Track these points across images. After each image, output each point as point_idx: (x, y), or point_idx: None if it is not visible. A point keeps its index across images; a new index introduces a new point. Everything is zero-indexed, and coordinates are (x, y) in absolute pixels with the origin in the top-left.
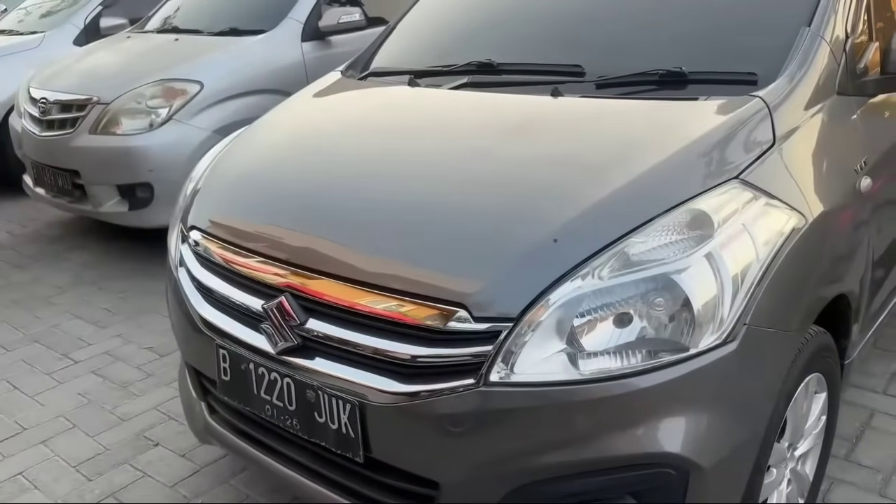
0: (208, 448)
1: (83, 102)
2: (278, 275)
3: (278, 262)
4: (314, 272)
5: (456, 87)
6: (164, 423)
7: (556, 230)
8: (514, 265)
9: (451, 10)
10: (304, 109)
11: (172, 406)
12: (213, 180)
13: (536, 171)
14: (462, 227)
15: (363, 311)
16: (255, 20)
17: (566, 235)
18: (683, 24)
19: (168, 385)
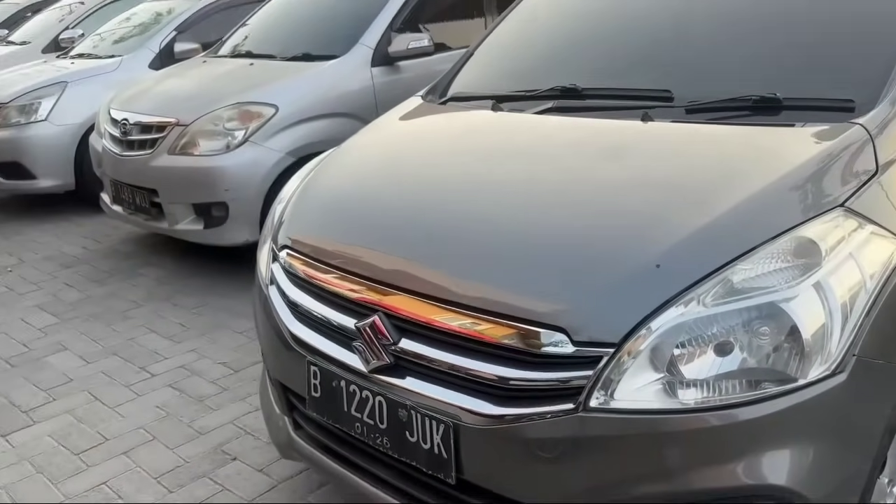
0: (285, 463)
1: (163, 124)
2: (371, 294)
3: (371, 282)
4: (407, 292)
5: (541, 111)
6: (241, 437)
7: (659, 255)
8: (616, 290)
9: (531, 35)
10: (390, 133)
11: (248, 421)
12: (304, 201)
13: (633, 196)
14: (559, 249)
15: (457, 332)
16: (327, 46)
17: (669, 261)
18: (775, 48)
19: (243, 400)
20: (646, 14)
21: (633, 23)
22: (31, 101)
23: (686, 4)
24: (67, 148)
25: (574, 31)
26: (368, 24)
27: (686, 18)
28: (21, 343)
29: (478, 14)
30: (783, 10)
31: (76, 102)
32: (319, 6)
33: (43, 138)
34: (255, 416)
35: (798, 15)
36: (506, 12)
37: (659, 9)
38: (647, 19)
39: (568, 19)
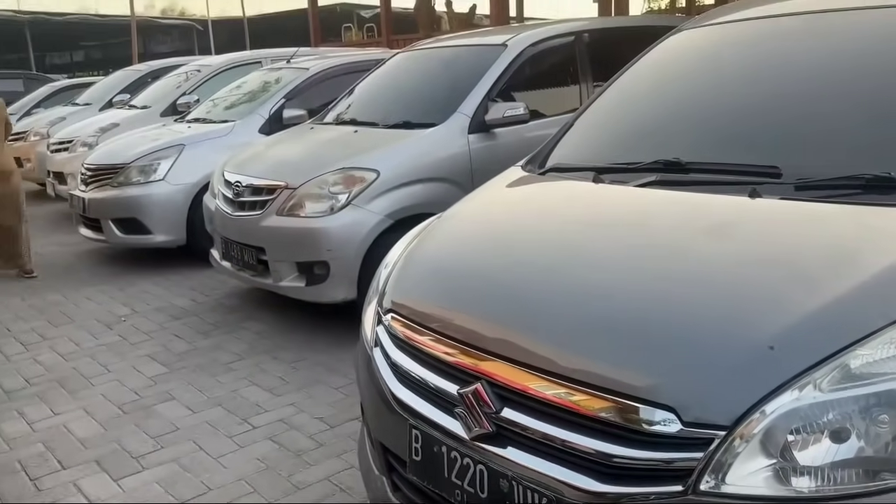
0: None
1: (273, 187)
2: (474, 361)
3: (474, 349)
4: (510, 361)
5: (643, 184)
6: (337, 494)
7: (773, 337)
8: (728, 371)
9: (633, 106)
10: (492, 203)
11: (344, 478)
12: (409, 266)
13: (743, 274)
14: (667, 325)
15: (560, 404)
16: (427, 114)
17: (783, 343)
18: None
19: (339, 457)
20: (751, 86)
21: (737, 95)
22: (150, 163)
23: (794, 76)
24: (181, 206)
25: (676, 102)
26: (466, 93)
27: (794, 91)
28: (132, 391)
29: (572, 82)
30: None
31: (191, 164)
32: (419, 77)
33: (160, 196)
34: (351, 474)
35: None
36: (607, 84)
37: (764, 80)
38: (752, 91)
39: (670, 90)
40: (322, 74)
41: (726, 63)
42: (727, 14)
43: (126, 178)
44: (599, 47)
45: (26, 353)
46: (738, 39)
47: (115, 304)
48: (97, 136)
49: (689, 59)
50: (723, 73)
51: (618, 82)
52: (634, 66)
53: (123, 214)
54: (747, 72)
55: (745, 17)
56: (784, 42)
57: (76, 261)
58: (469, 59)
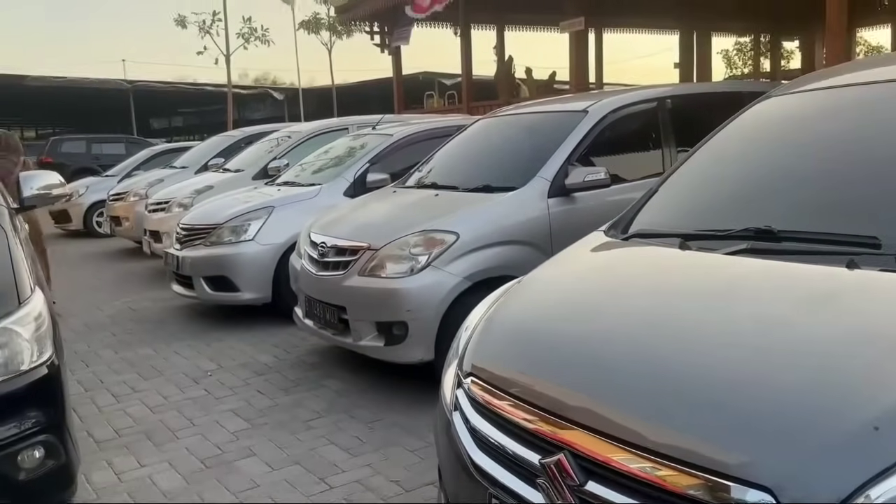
0: None
1: (356, 248)
2: (557, 430)
3: (558, 417)
4: (596, 432)
5: (732, 252)
6: None
7: (878, 417)
8: (829, 451)
9: (720, 171)
10: (575, 268)
11: None
12: (491, 329)
13: (844, 349)
14: (763, 401)
15: (648, 481)
16: (507, 179)
17: (889, 424)
18: None
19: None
20: (845, 153)
21: (831, 162)
22: (241, 223)
23: (891, 144)
24: (269, 265)
25: (767, 168)
26: (547, 158)
27: (892, 158)
28: (215, 445)
29: (654, 147)
30: None
31: (279, 225)
32: (499, 143)
33: (249, 256)
34: None
35: None
36: (694, 149)
37: (859, 148)
38: (847, 159)
39: (761, 156)
40: (405, 140)
41: (819, 130)
42: (818, 81)
43: (218, 237)
44: (682, 113)
45: (117, 404)
46: (831, 106)
47: (203, 358)
48: (193, 198)
49: (780, 125)
50: (815, 139)
51: (705, 147)
52: (722, 132)
53: (214, 272)
54: (841, 139)
55: (836, 84)
56: (879, 109)
57: (168, 316)
58: (550, 124)
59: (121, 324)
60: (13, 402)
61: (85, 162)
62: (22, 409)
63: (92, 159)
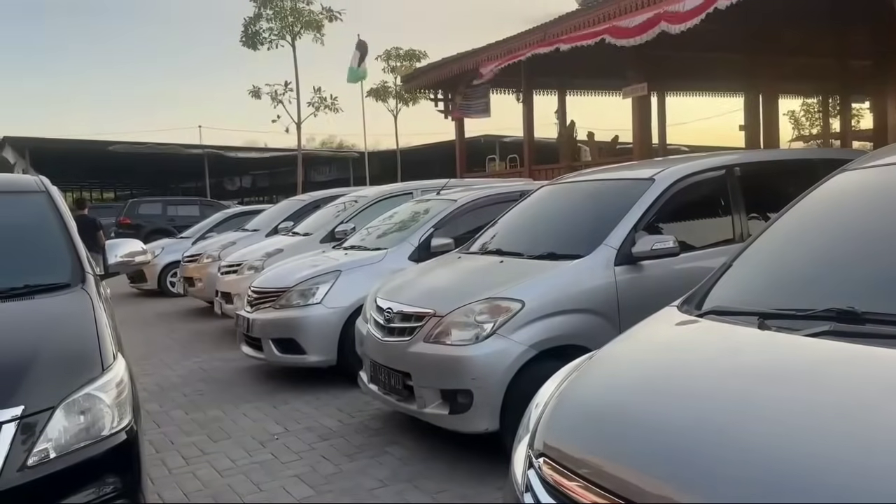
0: None
1: (422, 314)
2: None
3: (626, 502)
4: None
5: (815, 334)
6: None
7: None
8: None
9: (799, 247)
10: (651, 346)
11: None
12: (563, 406)
13: None
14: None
15: None
16: (572, 246)
17: None
18: None
19: None
20: None
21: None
22: (310, 287)
23: None
24: (335, 328)
25: (848, 245)
26: (613, 226)
27: None
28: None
29: (723, 215)
30: None
31: (346, 288)
32: (564, 209)
33: (316, 319)
34: None
35: None
36: (769, 223)
37: None
38: None
39: (840, 232)
40: (469, 205)
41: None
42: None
43: (287, 300)
44: (752, 181)
45: (187, 466)
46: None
47: (270, 421)
48: (263, 260)
49: (860, 199)
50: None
51: (782, 220)
52: (800, 205)
53: (282, 335)
54: None
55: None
56: None
57: (237, 377)
58: (616, 191)
59: (191, 384)
60: (93, 467)
61: (160, 223)
62: (101, 474)
63: (167, 221)
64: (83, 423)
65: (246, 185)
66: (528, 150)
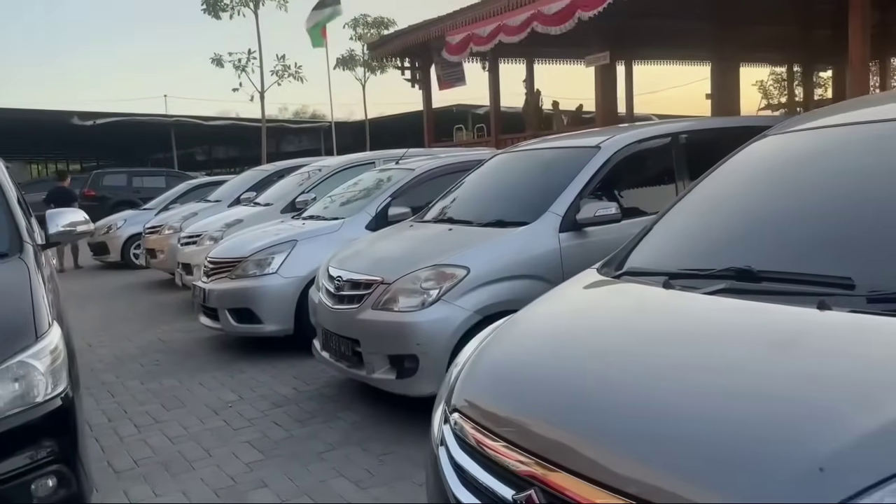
0: None
1: (370, 282)
2: (529, 466)
3: (531, 454)
4: (565, 469)
5: (713, 292)
6: None
7: (824, 458)
8: (775, 489)
9: (710, 212)
10: (563, 306)
11: None
12: (477, 366)
13: (802, 390)
14: (721, 441)
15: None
16: (519, 213)
17: (835, 465)
18: None
19: None
20: (829, 195)
21: (815, 204)
22: (265, 257)
23: (874, 186)
24: (291, 298)
25: (753, 209)
26: (559, 194)
27: (873, 201)
28: (229, 476)
29: (668, 182)
30: None
31: (302, 258)
32: (514, 178)
33: (272, 289)
34: None
35: None
36: (688, 189)
37: (843, 190)
38: (831, 201)
39: (748, 197)
40: (426, 174)
41: (806, 170)
42: (815, 119)
43: (243, 270)
44: (696, 148)
45: (138, 434)
46: (820, 147)
47: (225, 390)
48: (223, 231)
49: (770, 165)
50: (802, 180)
51: (699, 187)
52: (717, 171)
53: (238, 304)
54: (827, 181)
55: (830, 123)
56: (867, 151)
57: (195, 347)
58: (563, 160)
59: (149, 355)
60: (27, 432)
61: (126, 195)
62: (36, 439)
63: (132, 192)
64: (17, 391)
65: (217, 157)
66: (495, 120)
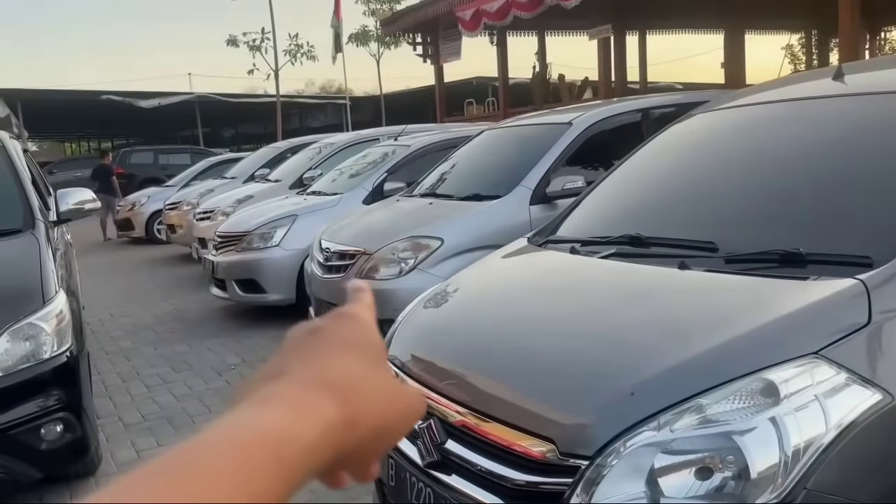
0: None
1: (355, 252)
2: (433, 400)
3: (434, 391)
4: (456, 402)
5: (605, 256)
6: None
7: (635, 384)
8: (596, 411)
9: (626, 187)
10: (484, 270)
11: None
12: (405, 324)
13: (634, 333)
14: (565, 374)
15: (486, 438)
16: (494, 187)
17: (644, 389)
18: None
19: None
20: (720, 170)
21: (707, 177)
22: (268, 230)
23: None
24: (292, 269)
25: (661, 182)
26: (530, 168)
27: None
28: None
29: None
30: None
31: (302, 232)
32: (494, 153)
33: (275, 260)
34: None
35: (838, 175)
36: (617, 164)
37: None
38: (721, 174)
39: (659, 172)
40: (422, 150)
41: (713, 147)
42: (736, 99)
43: (248, 243)
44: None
45: (148, 393)
46: (731, 126)
47: (230, 354)
48: (234, 207)
49: (685, 143)
50: (706, 157)
51: (623, 163)
52: (641, 148)
53: (244, 275)
54: (726, 156)
55: (746, 102)
56: (767, 129)
57: (207, 316)
58: (538, 135)
59: (165, 323)
60: (37, 385)
61: (152, 172)
62: (44, 390)
63: (159, 169)
64: (27, 348)
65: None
66: (504, 93)
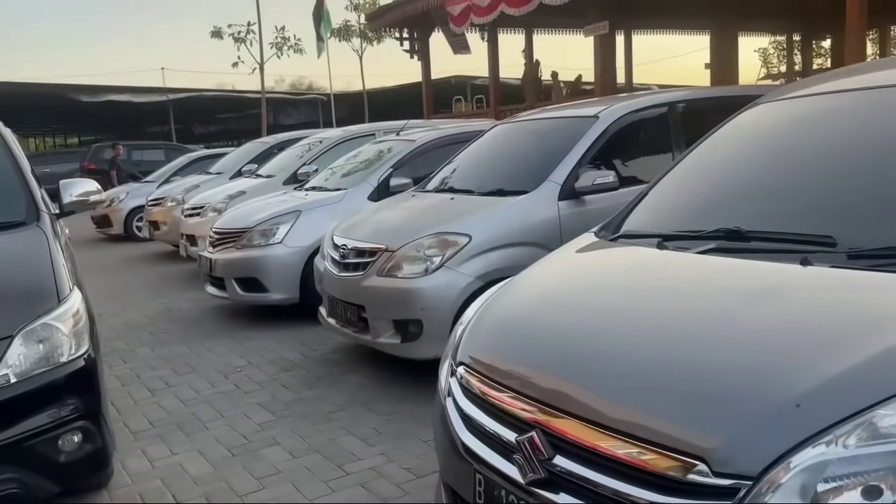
0: None
1: (375, 249)
2: (531, 412)
3: (532, 400)
4: (563, 412)
5: (703, 251)
6: None
7: (800, 395)
8: (756, 425)
9: (703, 177)
10: (561, 267)
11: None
12: (481, 323)
13: (780, 337)
14: (705, 383)
15: (606, 454)
16: (519, 182)
17: (810, 401)
18: None
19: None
20: (817, 159)
21: (803, 168)
22: (270, 227)
23: (854, 151)
24: (296, 267)
25: (744, 173)
26: (558, 163)
27: (852, 164)
28: (242, 435)
29: (665, 151)
30: None
31: (306, 228)
32: (514, 148)
33: (277, 258)
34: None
35: None
36: (682, 155)
37: (828, 156)
38: (819, 165)
39: (739, 162)
40: (427, 145)
41: (794, 137)
42: (807, 87)
43: (248, 240)
44: (692, 116)
45: (152, 397)
46: (808, 114)
47: (233, 356)
48: (226, 203)
49: (760, 132)
50: (790, 147)
51: (693, 153)
52: (709, 139)
53: (244, 274)
54: (813, 146)
55: (821, 91)
56: (852, 117)
57: (202, 316)
58: (562, 129)
59: (158, 323)
60: (53, 391)
61: (125, 168)
62: (61, 397)
63: (132, 165)
64: (42, 351)
65: (215, 130)
66: (494, 91)
